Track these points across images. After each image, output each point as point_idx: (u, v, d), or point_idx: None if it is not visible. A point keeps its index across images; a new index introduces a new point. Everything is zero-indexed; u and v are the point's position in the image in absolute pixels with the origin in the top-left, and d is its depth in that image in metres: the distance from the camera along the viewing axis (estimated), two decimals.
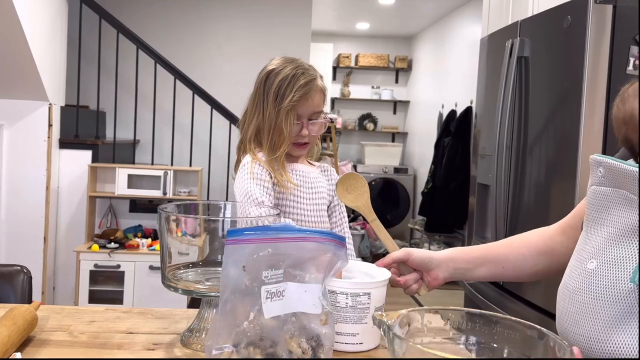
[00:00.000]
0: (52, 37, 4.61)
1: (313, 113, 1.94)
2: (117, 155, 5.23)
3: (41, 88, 4.44)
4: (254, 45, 6.29)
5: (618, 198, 1.25)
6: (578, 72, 2.60)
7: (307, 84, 1.91)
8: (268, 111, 1.92)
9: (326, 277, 1.17)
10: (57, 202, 4.92)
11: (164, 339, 1.37)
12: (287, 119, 1.88)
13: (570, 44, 2.68)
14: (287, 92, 1.89)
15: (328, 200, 2.06)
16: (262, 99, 1.95)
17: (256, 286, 1.09)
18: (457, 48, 7.10)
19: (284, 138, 1.90)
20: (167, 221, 1.31)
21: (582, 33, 2.59)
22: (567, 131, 2.67)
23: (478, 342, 1.05)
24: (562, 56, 2.76)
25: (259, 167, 1.91)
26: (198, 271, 1.36)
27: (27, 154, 4.61)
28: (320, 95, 1.96)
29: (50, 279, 4.88)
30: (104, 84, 5.32)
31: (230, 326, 1.08)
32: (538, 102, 2.92)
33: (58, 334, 1.37)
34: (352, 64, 9.25)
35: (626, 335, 1.22)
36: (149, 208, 5.32)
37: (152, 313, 1.57)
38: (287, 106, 1.87)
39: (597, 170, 1.32)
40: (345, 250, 1.18)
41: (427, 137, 7.91)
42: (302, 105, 1.90)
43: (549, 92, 2.84)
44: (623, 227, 1.21)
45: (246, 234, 1.07)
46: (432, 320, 1.06)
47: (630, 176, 1.21)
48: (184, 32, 6.29)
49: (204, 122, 5.49)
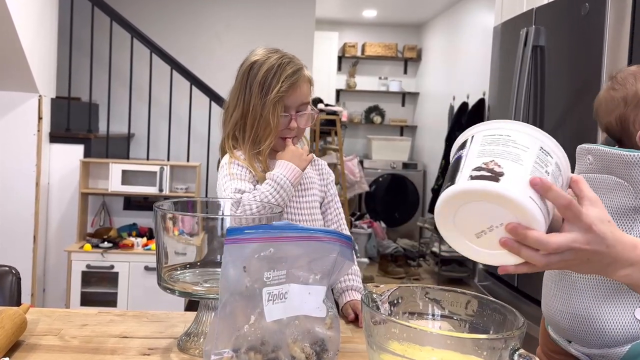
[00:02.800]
0: (42, 25, 4.61)
1: (301, 104, 1.93)
2: (110, 150, 5.23)
3: (30, 79, 4.44)
4: (254, 34, 6.28)
5: (607, 183, 1.44)
6: (596, 62, 2.60)
7: (295, 73, 1.90)
8: (252, 104, 1.90)
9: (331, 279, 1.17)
10: (48, 199, 4.92)
11: (160, 344, 1.37)
12: (275, 110, 1.87)
13: (588, 32, 2.68)
14: (273, 82, 1.87)
15: (320, 197, 2.03)
16: (244, 92, 1.93)
17: (257, 288, 1.09)
18: (469, 37, 7.09)
19: (270, 131, 1.88)
20: (164, 219, 1.31)
21: (601, 21, 2.58)
22: (585, 125, 2.66)
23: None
24: (579, 45, 2.75)
25: (238, 167, 1.89)
26: (196, 272, 1.36)
27: (16, 149, 4.61)
28: (308, 85, 1.96)
29: (40, 280, 4.89)
30: (97, 74, 5.32)
31: (230, 330, 1.08)
32: (554, 94, 2.91)
33: (48, 338, 1.37)
34: (358, 54, 9.24)
35: (616, 307, 1.42)
36: (144, 205, 5.32)
37: (147, 316, 1.58)
38: (274, 97, 1.86)
39: (586, 159, 1.51)
40: (351, 250, 1.18)
41: (437, 130, 7.90)
42: (290, 96, 1.89)
43: (566, 83, 2.83)
44: (613, 210, 1.41)
45: (247, 233, 1.07)
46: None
47: (621, 161, 1.40)
48: (182, 20, 6.29)
49: (202, 114, 5.49)
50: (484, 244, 1.03)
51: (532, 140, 1.01)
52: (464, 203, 0.99)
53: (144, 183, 4.93)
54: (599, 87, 2.58)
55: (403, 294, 1.16)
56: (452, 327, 1.15)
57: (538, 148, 1.01)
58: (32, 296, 4.66)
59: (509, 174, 0.96)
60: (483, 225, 1.01)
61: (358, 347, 1.42)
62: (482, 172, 0.97)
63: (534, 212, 0.96)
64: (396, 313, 1.15)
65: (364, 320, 1.05)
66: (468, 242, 1.04)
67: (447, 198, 1.00)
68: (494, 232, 1.00)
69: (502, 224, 0.99)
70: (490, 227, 1.00)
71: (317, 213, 2.00)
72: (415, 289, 1.17)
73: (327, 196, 2.05)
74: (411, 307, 1.16)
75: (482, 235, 1.02)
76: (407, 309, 1.16)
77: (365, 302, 1.04)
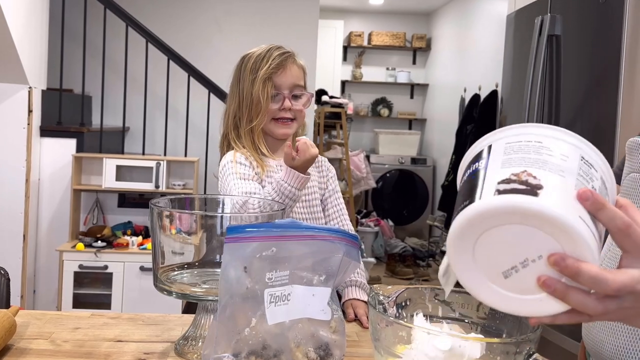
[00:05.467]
0: (32, 13, 4.61)
1: (294, 86, 2.03)
2: (104, 144, 5.23)
3: (20, 70, 4.45)
4: (256, 21, 6.27)
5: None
6: (615, 52, 2.59)
7: (283, 54, 2.03)
8: (245, 87, 2.02)
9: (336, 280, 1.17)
10: (38, 196, 4.93)
11: (156, 348, 1.37)
12: (264, 87, 1.98)
13: (606, 20, 2.67)
14: (262, 63, 2.00)
15: (320, 193, 2.09)
16: (238, 84, 2.07)
17: (259, 289, 1.09)
18: (481, 25, 7.08)
19: (261, 108, 1.98)
20: (160, 217, 1.31)
21: (620, 9, 2.57)
22: (603, 117, 2.65)
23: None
24: (597, 34, 2.74)
25: (242, 167, 1.97)
26: (194, 272, 1.36)
27: (5, 143, 4.62)
28: (299, 69, 2.07)
29: (31, 282, 4.90)
30: (90, 65, 5.32)
31: (230, 333, 1.08)
32: (571, 85, 2.91)
33: (39, 342, 1.37)
34: (364, 43, 9.24)
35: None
36: (140, 203, 5.33)
37: (143, 319, 1.58)
38: (263, 75, 1.98)
39: (637, 155, 1.29)
40: (357, 250, 1.18)
41: (447, 124, 7.89)
42: (280, 75, 2.01)
43: (583, 74, 2.82)
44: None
45: (248, 232, 1.07)
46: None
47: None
48: (179, 7, 6.28)
49: (200, 107, 5.49)
50: (515, 286, 0.80)
51: (571, 149, 0.82)
52: (489, 228, 0.78)
53: (140, 179, 4.94)
54: (618, 78, 2.57)
55: (411, 296, 1.16)
56: (463, 330, 1.15)
57: (579, 158, 0.81)
58: (21, 298, 4.67)
59: (550, 187, 0.75)
60: (514, 260, 0.79)
61: (364, 352, 1.42)
62: (514, 185, 0.76)
63: (585, 236, 0.74)
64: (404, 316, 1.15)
65: (370, 323, 1.05)
66: (493, 284, 0.82)
67: (465, 222, 0.78)
68: (529, 268, 0.78)
69: (540, 257, 0.77)
70: (525, 261, 0.78)
71: (318, 211, 2.06)
72: (424, 290, 1.17)
73: (327, 191, 2.09)
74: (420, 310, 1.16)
75: (512, 274, 0.80)
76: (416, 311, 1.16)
77: (371, 304, 1.04)
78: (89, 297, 4.80)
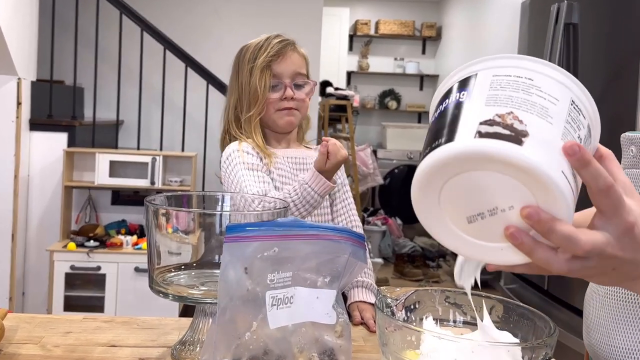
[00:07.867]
0: (22, 2, 4.61)
1: (295, 74, 2.05)
2: (97, 138, 5.24)
3: (8, 60, 4.45)
4: (256, 10, 6.26)
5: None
6: (634, 41, 2.59)
7: (282, 42, 2.05)
8: (244, 78, 2.05)
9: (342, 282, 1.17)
10: (27, 193, 4.93)
11: (151, 353, 1.37)
12: (262, 76, 2.00)
13: (624, 8, 2.67)
14: (261, 51, 2.02)
15: None
16: (237, 74, 2.10)
17: (260, 291, 1.09)
18: (495, 13, 7.07)
19: (259, 97, 2.00)
20: (156, 215, 1.31)
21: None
22: (622, 110, 2.65)
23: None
24: (615, 22, 2.74)
25: (249, 156, 1.98)
26: (192, 274, 1.36)
27: None
28: (300, 57, 2.08)
29: (20, 283, 4.90)
30: (82, 55, 5.32)
31: (229, 338, 1.08)
32: (588, 76, 2.90)
33: (28, 346, 1.38)
34: (371, 32, 9.23)
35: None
36: (135, 200, 5.33)
37: (138, 323, 1.58)
38: (261, 63, 2.00)
39: (629, 150, 1.30)
40: (364, 250, 1.18)
41: None
42: (279, 63, 2.02)
43: (601, 64, 2.82)
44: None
45: (248, 230, 1.07)
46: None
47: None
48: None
49: (198, 99, 5.49)
50: (478, 232, 0.79)
51: (562, 90, 0.77)
52: (462, 172, 0.75)
53: (134, 175, 4.94)
54: (638, 68, 2.57)
55: (421, 298, 1.16)
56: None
57: (569, 102, 0.77)
58: (10, 300, 4.67)
59: (536, 135, 0.72)
60: (481, 207, 0.77)
61: (371, 357, 1.43)
62: (497, 129, 0.72)
63: (565, 193, 0.72)
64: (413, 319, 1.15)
65: (377, 327, 1.05)
66: (454, 226, 0.81)
67: (438, 162, 0.75)
68: (497, 217, 0.76)
69: (512, 207, 0.75)
70: (493, 209, 0.76)
71: (325, 206, 2.05)
72: (434, 292, 1.17)
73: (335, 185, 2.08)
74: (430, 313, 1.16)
75: (476, 220, 0.78)
76: (425, 314, 1.16)
77: (379, 307, 1.04)
78: (81, 299, 4.81)
